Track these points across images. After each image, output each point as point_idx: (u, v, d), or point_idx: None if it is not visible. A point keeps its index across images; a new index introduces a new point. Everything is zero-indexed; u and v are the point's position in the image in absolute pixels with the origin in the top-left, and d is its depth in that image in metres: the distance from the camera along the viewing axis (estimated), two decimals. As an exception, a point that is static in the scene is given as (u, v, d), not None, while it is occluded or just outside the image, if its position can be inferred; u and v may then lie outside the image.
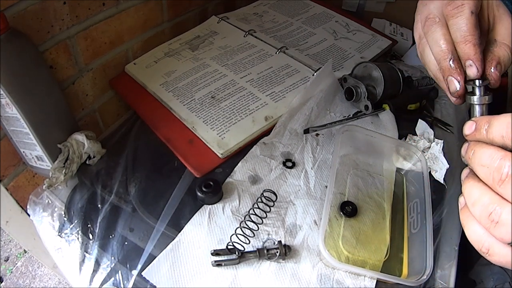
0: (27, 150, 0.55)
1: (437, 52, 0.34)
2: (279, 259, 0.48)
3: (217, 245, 0.49)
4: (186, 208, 0.54)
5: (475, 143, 0.28)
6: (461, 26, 0.32)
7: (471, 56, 0.32)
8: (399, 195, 0.58)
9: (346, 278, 0.47)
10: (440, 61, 0.34)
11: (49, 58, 0.56)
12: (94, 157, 0.60)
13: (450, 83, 0.34)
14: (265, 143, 0.62)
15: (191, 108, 0.65)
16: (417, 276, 0.44)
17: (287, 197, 0.55)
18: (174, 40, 0.80)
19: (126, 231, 0.53)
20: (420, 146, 0.62)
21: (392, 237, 0.52)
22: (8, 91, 0.47)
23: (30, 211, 0.59)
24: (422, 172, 0.55)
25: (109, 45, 0.67)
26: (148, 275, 0.47)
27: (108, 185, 0.57)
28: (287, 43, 0.80)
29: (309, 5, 0.94)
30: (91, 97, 0.67)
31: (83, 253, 0.52)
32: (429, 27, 0.34)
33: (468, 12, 0.32)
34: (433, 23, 0.34)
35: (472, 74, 0.33)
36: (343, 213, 0.53)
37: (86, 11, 0.59)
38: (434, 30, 0.34)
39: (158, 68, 0.74)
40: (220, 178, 0.57)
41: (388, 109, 0.68)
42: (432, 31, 0.34)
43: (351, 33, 0.86)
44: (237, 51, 0.77)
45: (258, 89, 0.69)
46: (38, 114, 0.52)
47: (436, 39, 0.34)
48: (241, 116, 0.64)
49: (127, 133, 0.67)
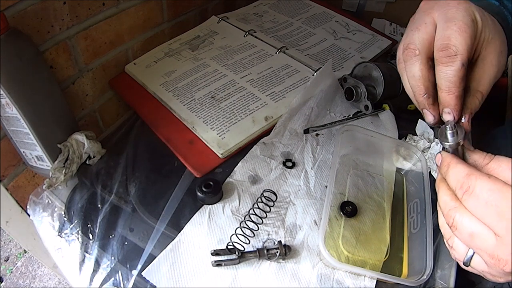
0: (27, 150, 0.55)
1: (414, 85, 0.35)
2: (279, 259, 0.48)
3: (217, 245, 0.49)
4: (186, 208, 0.54)
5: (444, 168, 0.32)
6: (449, 76, 0.32)
7: (451, 106, 0.33)
8: (399, 195, 0.58)
9: (346, 278, 0.47)
10: (415, 94, 0.35)
11: (49, 58, 0.56)
12: (94, 157, 0.60)
13: (425, 114, 0.35)
14: (265, 143, 0.62)
15: (191, 108, 0.65)
16: (417, 276, 0.44)
17: (287, 197, 0.55)
18: (174, 40, 0.81)
19: (126, 231, 0.53)
20: (420, 146, 0.62)
21: (392, 237, 0.52)
22: (8, 91, 0.47)
23: (30, 211, 0.59)
24: (422, 172, 0.55)
25: (109, 45, 0.67)
26: (148, 275, 0.47)
27: (108, 185, 0.57)
28: (287, 43, 0.80)
29: (309, 5, 0.94)
30: (91, 97, 0.67)
31: (83, 253, 0.52)
32: (408, 56, 0.34)
33: (459, 65, 0.32)
34: (413, 55, 0.34)
35: (448, 119, 0.34)
36: (343, 213, 0.53)
37: (86, 11, 0.59)
38: (412, 63, 0.34)
39: (158, 68, 0.74)
40: (220, 178, 0.57)
41: (388, 109, 0.68)
42: (410, 63, 0.34)
43: (351, 33, 0.86)
44: (237, 51, 0.77)
45: (258, 89, 0.69)
46: (38, 114, 0.52)
47: (413, 73, 0.34)
48: (241, 116, 0.64)
49: (127, 133, 0.67)
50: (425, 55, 0.34)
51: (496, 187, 0.27)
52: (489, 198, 0.27)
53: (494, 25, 0.35)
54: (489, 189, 0.28)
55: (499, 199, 0.27)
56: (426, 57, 0.34)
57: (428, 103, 0.34)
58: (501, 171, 0.29)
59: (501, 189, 0.27)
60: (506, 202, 0.27)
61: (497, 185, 0.28)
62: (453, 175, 0.30)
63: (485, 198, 0.27)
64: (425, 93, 0.34)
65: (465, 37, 0.32)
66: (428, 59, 0.34)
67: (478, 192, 0.28)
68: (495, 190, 0.27)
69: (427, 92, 0.34)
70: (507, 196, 0.27)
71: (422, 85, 0.34)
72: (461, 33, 0.32)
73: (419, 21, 0.35)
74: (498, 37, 0.35)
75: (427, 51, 0.34)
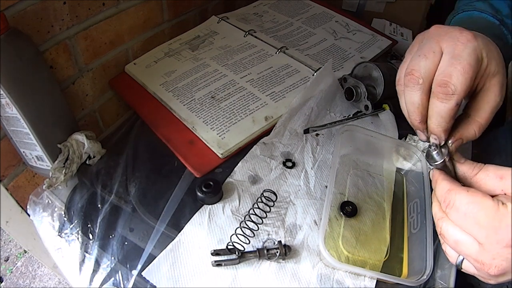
0: (27, 150, 0.55)
1: (411, 110, 0.36)
2: (279, 259, 0.48)
3: (217, 245, 0.49)
4: (186, 208, 0.54)
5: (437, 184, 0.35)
6: (441, 112, 0.33)
7: (438, 136, 0.35)
8: (399, 195, 0.58)
9: (346, 278, 0.47)
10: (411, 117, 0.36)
11: (49, 58, 0.56)
12: (94, 157, 0.60)
13: (418, 133, 0.37)
14: (265, 143, 0.62)
15: (191, 108, 0.65)
16: (417, 276, 0.44)
17: (287, 197, 0.55)
18: (174, 40, 0.81)
19: (126, 231, 0.53)
20: (420, 146, 0.62)
21: (392, 237, 0.52)
22: (8, 91, 0.47)
23: (30, 211, 0.59)
24: (422, 172, 0.55)
25: (109, 45, 0.67)
26: (148, 275, 0.47)
27: (108, 185, 0.57)
28: (287, 43, 0.80)
29: (309, 5, 0.94)
30: (91, 97, 0.67)
31: (83, 253, 0.52)
32: (410, 83, 0.35)
33: (454, 104, 0.33)
34: (416, 83, 0.34)
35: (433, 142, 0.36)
36: (343, 213, 0.53)
37: (86, 11, 0.59)
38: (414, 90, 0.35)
39: (158, 68, 0.74)
40: (220, 178, 0.57)
41: (388, 109, 0.68)
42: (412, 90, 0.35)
43: (351, 33, 0.86)
44: (237, 51, 0.77)
45: (258, 89, 0.69)
46: (38, 114, 0.52)
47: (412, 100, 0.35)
48: (241, 116, 0.64)
49: (127, 133, 0.67)
50: (427, 84, 0.34)
51: (474, 199, 0.30)
52: (467, 210, 0.30)
53: (500, 58, 0.36)
54: (467, 202, 0.30)
55: (476, 211, 0.30)
56: (428, 87, 0.35)
57: (423, 127, 0.36)
58: (488, 180, 0.31)
59: (478, 201, 0.30)
60: (484, 212, 0.29)
61: (475, 198, 0.30)
62: (438, 191, 0.33)
63: (464, 210, 0.30)
64: (421, 120, 0.35)
65: (466, 78, 0.33)
66: (429, 88, 0.35)
67: (458, 206, 0.31)
68: (472, 203, 0.30)
69: (423, 119, 0.35)
70: (484, 207, 0.29)
71: (420, 113, 0.35)
72: (463, 73, 0.33)
73: (427, 48, 0.35)
74: (502, 70, 0.36)
75: (429, 81, 0.35)
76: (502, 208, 0.29)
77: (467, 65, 0.33)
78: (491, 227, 0.29)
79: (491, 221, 0.29)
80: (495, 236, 0.29)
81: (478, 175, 0.32)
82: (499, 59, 0.36)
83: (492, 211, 0.29)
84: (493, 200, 0.30)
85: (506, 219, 0.29)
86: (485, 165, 0.32)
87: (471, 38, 0.34)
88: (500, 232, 0.29)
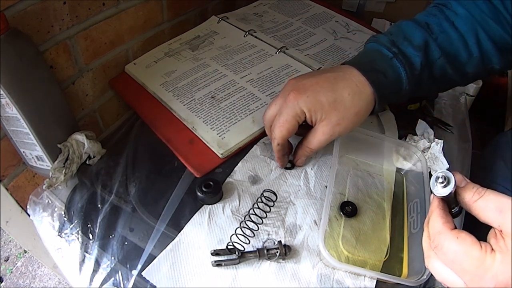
0: (27, 150, 0.55)
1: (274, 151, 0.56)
2: (279, 259, 0.48)
3: (217, 245, 0.49)
4: (186, 208, 0.54)
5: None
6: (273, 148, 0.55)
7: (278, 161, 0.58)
8: (399, 195, 0.58)
9: (346, 278, 0.47)
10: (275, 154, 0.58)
11: (49, 58, 0.56)
12: (94, 157, 0.60)
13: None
14: (265, 143, 0.62)
15: (191, 108, 0.65)
16: (417, 276, 0.44)
17: (287, 197, 0.55)
18: (174, 40, 0.80)
19: (126, 231, 0.53)
20: (420, 146, 0.62)
21: (392, 237, 0.52)
22: (8, 91, 0.47)
23: (30, 211, 0.59)
24: (422, 172, 0.55)
25: (109, 45, 0.67)
26: (148, 275, 0.47)
27: (108, 185, 0.57)
28: (287, 43, 0.80)
29: (309, 5, 0.94)
30: (91, 97, 0.67)
31: (83, 253, 0.52)
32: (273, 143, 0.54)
33: (275, 144, 0.53)
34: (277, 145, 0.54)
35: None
36: (343, 213, 0.53)
37: (86, 11, 0.59)
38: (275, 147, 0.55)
39: (158, 68, 0.74)
40: (220, 178, 0.57)
41: (388, 109, 0.68)
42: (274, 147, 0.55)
43: (351, 33, 0.86)
44: (237, 51, 0.77)
45: (258, 89, 0.69)
46: (38, 114, 0.52)
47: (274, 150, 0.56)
48: (241, 116, 0.64)
49: (127, 133, 0.67)
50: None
51: (461, 248, 0.30)
52: (454, 257, 0.31)
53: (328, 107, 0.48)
54: (454, 251, 0.30)
55: (462, 260, 0.30)
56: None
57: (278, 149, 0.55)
58: (487, 211, 0.30)
59: (465, 251, 0.30)
60: (470, 262, 0.30)
61: (462, 247, 0.30)
62: (430, 227, 0.34)
63: (451, 257, 0.31)
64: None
65: (281, 130, 0.50)
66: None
67: (445, 251, 0.31)
68: (459, 252, 0.30)
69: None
70: (471, 257, 0.30)
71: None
72: (279, 126, 0.50)
73: (275, 99, 0.53)
74: (334, 115, 0.48)
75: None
76: (489, 259, 0.29)
77: (284, 120, 0.49)
78: (476, 275, 0.29)
79: (476, 270, 0.29)
80: (480, 282, 0.29)
81: (478, 202, 0.31)
82: (330, 109, 0.48)
83: (478, 261, 0.29)
84: (480, 249, 0.30)
85: (490, 271, 0.29)
86: (486, 192, 0.31)
87: (292, 98, 0.48)
88: (484, 281, 0.29)
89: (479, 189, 0.32)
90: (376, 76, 0.49)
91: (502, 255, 0.29)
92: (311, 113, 0.49)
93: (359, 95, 0.48)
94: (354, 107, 0.48)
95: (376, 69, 0.49)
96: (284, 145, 0.53)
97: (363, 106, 0.49)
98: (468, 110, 0.76)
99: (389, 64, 0.49)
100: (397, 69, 0.49)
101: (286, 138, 0.52)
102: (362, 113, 0.50)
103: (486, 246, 0.30)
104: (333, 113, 0.48)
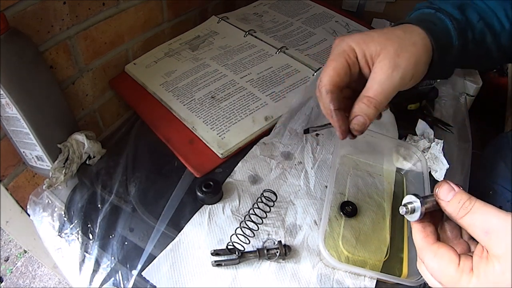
0: (27, 150, 0.55)
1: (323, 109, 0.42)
2: (279, 259, 0.48)
3: (217, 245, 0.49)
4: (186, 208, 0.54)
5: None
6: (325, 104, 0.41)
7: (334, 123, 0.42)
8: (399, 195, 0.58)
9: (346, 278, 0.47)
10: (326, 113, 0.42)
11: (49, 58, 0.56)
12: (94, 157, 0.60)
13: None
14: (265, 143, 0.62)
15: (191, 108, 0.65)
16: (417, 276, 0.44)
17: (287, 197, 0.55)
18: (174, 40, 0.81)
19: (126, 231, 0.53)
20: (420, 146, 0.62)
21: (392, 237, 0.52)
22: (8, 91, 0.47)
23: (30, 211, 0.59)
24: (422, 172, 0.55)
25: (109, 45, 0.67)
26: (148, 275, 0.47)
27: (108, 185, 0.57)
28: (287, 43, 0.80)
29: (309, 5, 0.94)
30: (91, 97, 0.67)
31: (83, 253, 0.52)
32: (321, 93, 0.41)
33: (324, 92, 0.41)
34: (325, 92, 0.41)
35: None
36: (343, 213, 0.53)
37: (86, 11, 0.59)
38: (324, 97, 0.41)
39: (158, 68, 0.74)
40: (220, 178, 0.57)
41: (388, 109, 0.68)
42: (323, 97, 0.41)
43: (351, 33, 0.86)
44: (237, 51, 0.77)
45: (258, 89, 0.69)
46: (38, 114, 0.52)
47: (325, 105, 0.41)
48: (241, 116, 0.64)
49: (127, 133, 0.67)
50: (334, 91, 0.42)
51: (437, 266, 0.31)
52: (433, 272, 0.32)
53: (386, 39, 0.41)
54: (432, 267, 0.32)
55: (439, 276, 0.31)
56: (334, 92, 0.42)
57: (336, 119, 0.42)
58: (474, 228, 0.30)
59: (442, 269, 0.31)
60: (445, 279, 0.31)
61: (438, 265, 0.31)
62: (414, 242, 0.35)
63: (431, 271, 0.32)
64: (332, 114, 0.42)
65: (327, 70, 0.41)
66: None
67: (426, 264, 0.33)
68: (435, 269, 0.31)
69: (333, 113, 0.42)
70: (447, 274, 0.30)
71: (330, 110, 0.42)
72: (325, 68, 0.41)
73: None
74: (390, 44, 0.40)
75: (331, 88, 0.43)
76: (464, 279, 0.29)
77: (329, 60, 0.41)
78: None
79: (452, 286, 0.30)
80: None
81: (464, 218, 0.30)
82: (384, 39, 0.40)
83: (453, 280, 0.30)
84: (457, 268, 0.30)
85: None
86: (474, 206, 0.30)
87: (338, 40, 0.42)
88: None
89: (466, 203, 0.30)
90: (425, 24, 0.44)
91: (478, 280, 0.29)
92: (362, 47, 0.40)
93: (410, 32, 0.43)
94: (409, 39, 0.42)
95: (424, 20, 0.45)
96: (336, 95, 0.41)
97: (418, 40, 0.42)
98: (468, 110, 0.76)
99: (435, 17, 0.46)
100: (443, 21, 0.46)
101: (335, 82, 0.40)
102: (419, 46, 0.42)
103: (465, 264, 0.30)
104: (389, 43, 0.40)
